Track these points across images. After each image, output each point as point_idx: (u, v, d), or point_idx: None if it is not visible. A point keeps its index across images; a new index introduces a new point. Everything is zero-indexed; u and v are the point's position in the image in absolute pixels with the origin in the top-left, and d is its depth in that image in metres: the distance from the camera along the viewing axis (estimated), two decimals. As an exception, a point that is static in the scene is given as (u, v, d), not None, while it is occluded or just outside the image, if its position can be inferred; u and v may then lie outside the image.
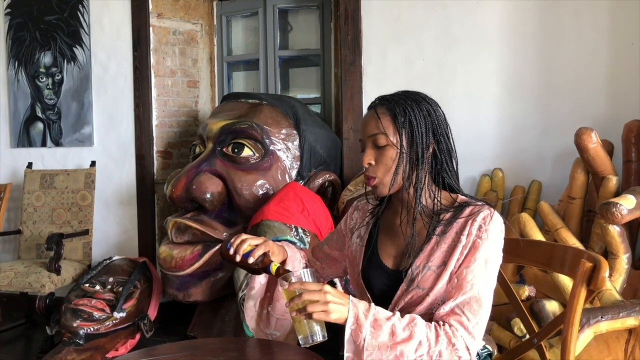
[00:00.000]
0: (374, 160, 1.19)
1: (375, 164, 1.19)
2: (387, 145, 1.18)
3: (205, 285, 2.65)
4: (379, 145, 1.18)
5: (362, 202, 1.37)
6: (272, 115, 2.79)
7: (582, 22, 2.56)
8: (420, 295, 1.14)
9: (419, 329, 1.06)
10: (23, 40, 3.65)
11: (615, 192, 2.10)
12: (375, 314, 1.06)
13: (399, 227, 1.23)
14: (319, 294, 1.05)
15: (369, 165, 1.20)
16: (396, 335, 1.05)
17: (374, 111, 1.21)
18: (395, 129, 1.18)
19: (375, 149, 1.19)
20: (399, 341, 1.05)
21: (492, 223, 1.14)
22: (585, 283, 1.19)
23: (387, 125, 1.18)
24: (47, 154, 3.62)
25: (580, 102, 2.57)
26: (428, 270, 1.14)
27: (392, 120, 1.18)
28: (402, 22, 2.86)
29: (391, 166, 1.18)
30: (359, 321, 1.05)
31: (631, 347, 1.82)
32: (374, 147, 1.19)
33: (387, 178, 1.18)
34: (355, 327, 1.05)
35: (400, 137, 1.17)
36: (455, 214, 1.17)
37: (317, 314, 1.04)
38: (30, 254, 3.36)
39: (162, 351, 1.33)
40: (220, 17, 3.63)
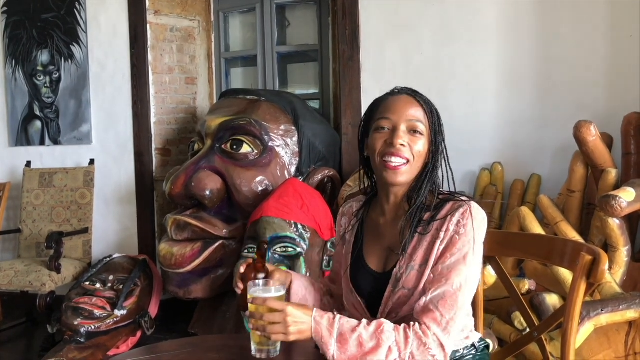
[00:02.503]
0: (407, 143, 1.16)
1: (409, 147, 1.16)
2: (423, 135, 1.17)
3: (205, 282, 2.65)
4: (417, 132, 1.16)
5: (347, 206, 1.35)
6: (270, 112, 2.78)
7: (581, 14, 2.55)
8: (406, 295, 1.14)
9: (386, 335, 1.05)
10: (20, 39, 3.64)
11: (615, 185, 2.10)
12: (340, 327, 1.05)
13: (383, 227, 1.23)
14: (280, 315, 1.04)
15: (401, 146, 1.15)
16: (364, 346, 1.04)
17: (412, 98, 1.19)
18: (429, 124, 1.18)
19: (409, 134, 1.16)
20: (368, 351, 1.04)
21: (471, 217, 1.13)
22: (585, 276, 1.19)
23: (424, 116, 1.18)
24: (46, 153, 3.62)
25: (579, 95, 2.56)
26: (412, 270, 1.14)
27: (429, 115, 1.18)
28: (399, 17, 2.85)
29: (420, 156, 1.17)
30: (324, 339, 1.04)
31: (631, 340, 1.82)
32: (409, 131, 1.17)
33: (415, 167, 1.17)
34: (322, 345, 1.04)
35: (430, 132, 1.18)
36: (435, 212, 1.17)
37: (275, 336, 1.05)
38: (30, 252, 3.36)
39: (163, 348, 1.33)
40: (217, 13, 3.62)
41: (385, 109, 1.19)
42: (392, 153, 1.15)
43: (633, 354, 1.82)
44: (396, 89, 1.23)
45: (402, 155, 1.15)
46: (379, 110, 1.20)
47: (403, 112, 1.17)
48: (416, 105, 1.18)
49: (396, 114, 1.17)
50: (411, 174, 1.17)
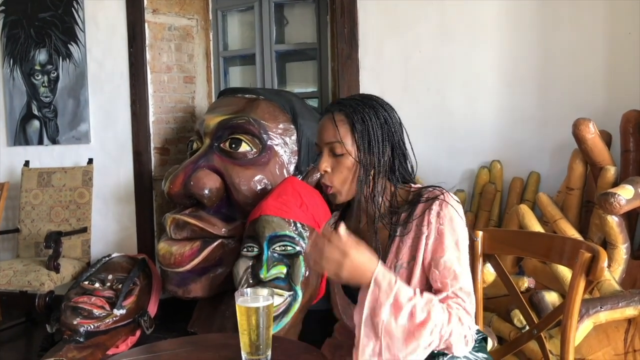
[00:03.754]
0: (330, 167, 1.18)
1: (332, 172, 1.18)
2: (344, 154, 1.17)
3: (204, 281, 2.65)
4: (336, 154, 1.17)
5: (326, 224, 1.36)
6: (269, 110, 2.78)
7: (579, 12, 2.55)
8: None
9: (436, 309, 1.06)
10: (17, 38, 3.63)
11: (614, 183, 2.10)
12: (397, 292, 1.06)
13: (362, 233, 1.23)
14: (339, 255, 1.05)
15: (325, 173, 1.19)
16: (415, 317, 1.05)
17: (331, 117, 1.19)
18: (353, 138, 1.17)
19: (332, 157, 1.18)
20: (418, 324, 1.05)
21: (448, 206, 1.15)
22: (584, 274, 1.19)
23: (344, 134, 1.17)
24: (44, 152, 3.61)
25: (578, 92, 2.56)
26: (400, 268, 1.16)
27: (350, 129, 1.17)
28: (398, 15, 2.85)
29: (348, 175, 1.18)
30: (379, 301, 1.05)
31: (630, 337, 1.82)
32: (330, 154, 1.18)
33: (344, 187, 1.18)
34: (373, 305, 1.05)
35: (358, 146, 1.17)
36: (411, 208, 1.18)
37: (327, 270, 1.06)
38: (29, 252, 3.36)
39: (162, 348, 1.33)
40: (215, 11, 3.62)
41: (317, 135, 1.22)
42: (322, 181, 1.20)
43: (632, 351, 1.82)
44: (327, 107, 1.24)
45: (325, 182, 1.19)
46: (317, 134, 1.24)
47: (322, 137, 1.19)
48: (331, 126, 1.18)
49: (320, 139, 1.20)
50: (347, 193, 1.19)
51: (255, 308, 1.09)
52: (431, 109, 2.82)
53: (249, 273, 2.40)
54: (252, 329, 1.09)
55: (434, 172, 2.80)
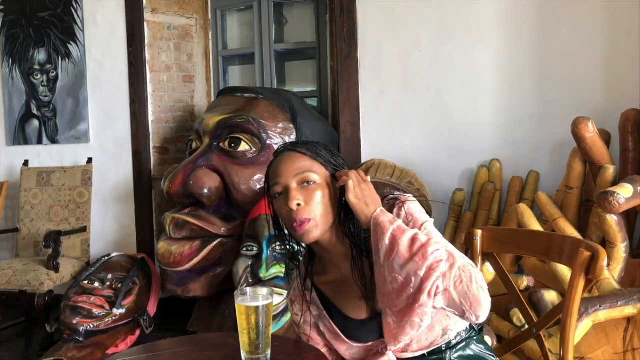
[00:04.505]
0: (303, 200, 1.13)
1: (306, 204, 1.13)
2: (317, 182, 1.15)
3: (204, 281, 2.65)
4: (310, 183, 1.14)
5: (292, 294, 1.30)
6: (268, 109, 2.78)
7: (578, 11, 2.55)
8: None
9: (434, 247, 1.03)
10: (17, 38, 3.63)
11: (613, 182, 2.10)
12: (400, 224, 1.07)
13: (347, 279, 1.18)
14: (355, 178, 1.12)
15: (298, 207, 1.12)
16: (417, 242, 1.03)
17: (293, 152, 1.18)
18: (320, 165, 1.17)
19: (302, 189, 1.14)
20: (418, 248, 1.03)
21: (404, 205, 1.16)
22: (583, 272, 1.19)
23: (312, 161, 1.16)
24: (44, 152, 3.61)
25: (577, 91, 2.56)
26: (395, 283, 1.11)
27: (315, 157, 1.17)
28: (397, 14, 2.85)
29: (324, 205, 1.14)
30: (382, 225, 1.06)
31: (630, 336, 1.83)
32: (300, 186, 1.14)
33: (323, 217, 1.14)
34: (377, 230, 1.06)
35: (329, 171, 1.17)
36: None
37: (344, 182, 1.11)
38: (28, 251, 3.36)
39: (162, 347, 1.33)
40: (214, 11, 3.62)
41: (274, 174, 1.18)
42: (294, 218, 1.13)
43: (631, 349, 1.82)
44: (279, 149, 1.22)
45: (301, 217, 1.12)
46: (270, 178, 1.19)
47: (288, 170, 1.15)
48: (298, 156, 1.17)
49: (283, 175, 1.15)
50: (323, 226, 1.14)
51: (255, 307, 1.09)
52: (430, 108, 2.82)
53: (249, 272, 2.40)
54: (252, 328, 1.09)
55: (433, 171, 2.80)
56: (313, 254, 1.26)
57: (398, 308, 1.05)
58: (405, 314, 1.05)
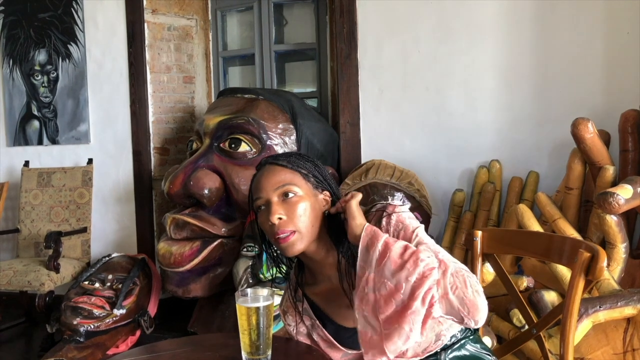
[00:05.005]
0: (284, 214, 1.13)
1: (288, 217, 1.13)
2: (298, 194, 1.15)
3: (204, 281, 2.65)
4: (289, 196, 1.14)
5: (283, 305, 1.31)
6: (268, 110, 2.78)
7: (578, 12, 2.55)
8: None
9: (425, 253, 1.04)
10: (17, 38, 3.63)
11: (613, 182, 2.10)
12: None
13: (337, 289, 1.19)
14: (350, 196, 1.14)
15: (279, 221, 1.12)
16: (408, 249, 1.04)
17: (274, 165, 1.18)
18: (302, 176, 1.17)
19: (283, 203, 1.14)
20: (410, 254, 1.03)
21: (392, 215, 1.15)
22: (583, 273, 1.19)
23: (293, 174, 1.17)
24: (44, 152, 3.61)
25: (576, 92, 2.57)
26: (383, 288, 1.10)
27: (296, 170, 1.17)
28: (397, 14, 2.85)
29: (308, 216, 1.14)
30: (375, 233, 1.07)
31: (629, 336, 1.83)
32: (280, 200, 1.14)
33: (307, 229, 1.14)
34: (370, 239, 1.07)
35: (311, 184, 1.17)
36: None
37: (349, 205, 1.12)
38: (29, 252, 3.36)
39: (162, 347, 1.33)
40: (215, 11, 3.62)
41: (256, 188, 1.18)
42: (275, 232, 1.13)
43: (631, 350, 1.82)
44: (261, 162, 1.23)
45: (283, 229, 1.12)
46: (253, 191, 1.20)
47: (268, 184, 1.15)
48: (279, 169, 1.17)
49: (264, 189, 1.15)
50: (306, 238, 1.14)
51: (256, 308, 1.09)
52: (430, 108, 2.83)
53: (249, 273, 2.40)
54: (253, 329, 1.09)
55: (433, 172, 2.80)
56: (302, 264, 1.26)
57: (385, 315, 1.04)
58: (394, 322, 1.03)
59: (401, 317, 1.02)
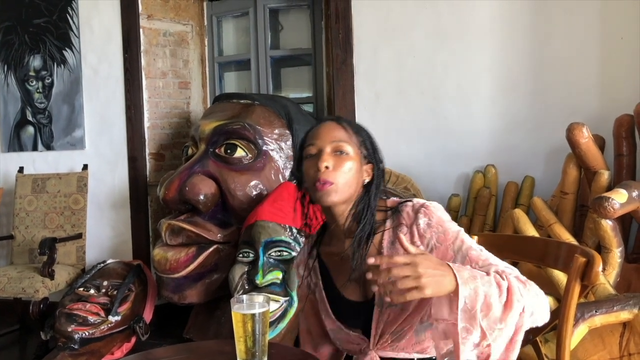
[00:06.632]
0: (332, 165, 1.17)
1: (333, 169, 1.16)
2: (350, 154, 1.19)
3: (200, 287, 2.64)
4: (342, 153, 1.18)
5: (298, 258, 1.38)
6: (264, 116, 2.78)
7: (573, 17, 2.57)
8: (395, 312, 1.15)
9: (516, 290, 1.03)
10: (12, 44, 3.63)
11: (608, 187, 2.11)
12: (478, 277, 1.01)
13: (347, 255, 1.21)
14: (410, 268, 0.95)
15: (326, 169, 1.16)
16: (501, 287, 1.02)
17: (335, 123, 1.23)
18: (357, 142, 1.21)
19: (335, 156, 1.18)
20: (507, 293, 1.02)
21: (434, 214, 1.16)
22: (579, 278, 1.19)
23: (350, 136, 1.21)
24: (39, 158, 3.60)
25: (571, 97, 2.58)
26: None
27: (355, 135, 1.22)
28: (392, 20, 2.86)
29: (349, 175, 1.17)
30: (476, 292, 0.98)
31: (626, 341, 1.83)
32: (333, 153, 1.18)
33: (345, 186, 1.17)
34: (471, 301, 0.98)
35: (362, 153, 1.21)
36: (395, 224, 1.19)
37: (409, 294, 0.95)
38: (23, 259, 3.34)
39: (158, 354, 1.32)
40: (210, 17, 3.62)
41: (311, 136, 1.22)
42: (318, 177, 1.16)
43: (627, 354, 1.83)
44: (323, 117, 1.28)
45: (326, 177, 1.16)
46: (307, 138, 1.23)
47: (327, 135, 1.20)
48: (340, 127, 1.21)
49: (320, 138, 1.20)
50: (341, 194, 1.17)
51: (251, 315, 1.09)
52: (426, 113, 2.83)
53: (245, 279, 2.40)
54: (248, 335, 1.09)
55: (429, 177, 2.80)
56: (325, 226, 1.31)
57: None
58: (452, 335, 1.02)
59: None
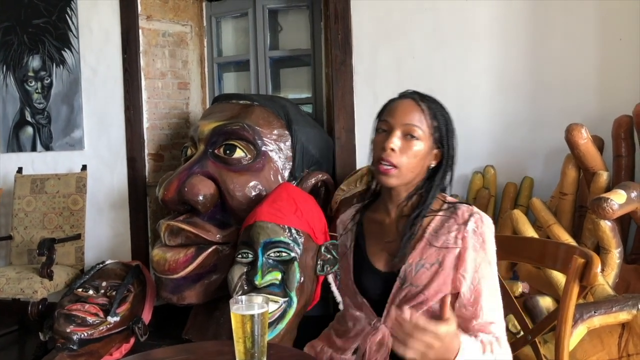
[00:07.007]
0: (399, 148, 1.17)
1: (399, 152, 1.16)
2: (420, 139, 1.18)
3: (199, 288, 2.64)
4: (413, 136, 1.17)
5: (342, 217, 1.38)
6: (263, 116, 2.78)
7: (571, 18, 2.57)
8: (413, 292, 1.16)
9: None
10: (11, 44, 3.62)
11: (606, 188, 2.11)
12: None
13: (388, 226, 1.24)
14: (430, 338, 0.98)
15: (392, 151, 1.16)
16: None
17: (415, 103, 1.20)
18: (430, 128, 1.19)
19: (404, 138, 1.17)
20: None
21: (484, 226, 1.18)
22: (577, 279, 1.20)
23: (426, 119, 1.19)
24: (38, 159, 3.59)
25: (570, 98, 2.58)
26: (421, 267, 1.16)
27: (431, 119, 1.20)
28: (391, 21, 2.87)
29: (415, 161, 1.18)
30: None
31: (624, 342, 1.83)
32: (404, 136, 1.18)
33: (409, 171, 1.18)
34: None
35: (433, 138, 1.20)
36: (447, 216, 1.19)
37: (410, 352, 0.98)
38: (21, 259, 3.33)
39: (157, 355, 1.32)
40: (209, 18, 3.62)
41: (387, 112, 1.22)
42: (383, 157, 1.17)
43: (626, 355, 1.83)
44: (407, 92, 1.25)
45: (389, 159, 1.16)
46: (384, 113, 1.23)
47: (401, 116, 1.19)
48: (417, 110, 1.19)
49: (394, 118, 1.19)
50: (403, 178, 1.18)
51: (250, 316, 1.09)
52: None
53: (244, 279, 2.39)
54: (247, 336, 1.09)
55: (428, 178, 2.80)
56: (378, 194, 1.31)
57: None
58: None
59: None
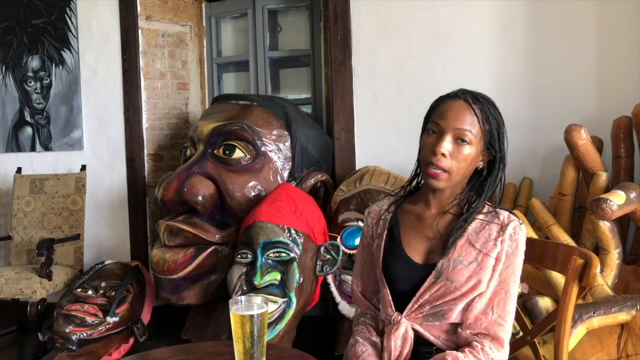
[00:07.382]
0: (449, 153, 1.16)
1: (450, 157, 1.16)
2: (471, 145, 1.17)
3: (198, 288, 2.64)
4: (464, 141, 1.16)
5: (372, 207, 1.37)
6: (263, 117, 2.78)
7: (571, 20, 2.57)
8: (448, 287, 1.16)
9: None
10: (10, 44, 3.62)
11: (606, 188, 2.11)
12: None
13: (427, 220, 1.24)
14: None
15: (442, 156, 1.16)
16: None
17: (469, 105, 1.18)
18: (482, 132, 1.18)
19: (454, 143, 1.17)
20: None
21: (521, 233, 1.19)
22: (577, 280, 1.20)
23: (477, 123, 1.18)
24: (37, 159, 3.59)
25: (569, 99, 2.59)
26: (459, 264, 1.16)
27: (482, 123, 1.18)
28: (391, 21, 2.87)
29: (465, 166, 1.18)
30: None
31: (624, 342, 1.83)
32: (454, 140, 1.17)
33: (457, 175, 1.18)
34: None
35: (484, 141, 1.19)
36: (488, 218, 1.20)
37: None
38: (21, 259, 3.33)
39: (156, 355, 1.32)
40: (209, 18, 3.62)
41: (438, 114, 1.20)
42: (433, 161, 1.16)
43: (625, 356, 1.83)
44: (458, 92, 1.23)
45: (441, 164, 1.16)
46: (434, 113, 1.22)
47: (453, 120, 1.17)
48: (469, 113, 1.18)
49: (446, 121, 1.18)
50: (452, 181, 1.19)
51: (250, 316, 1.09)
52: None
53: (243, 280, 2.39)
54: (247, 336, 1.09)
55: (428, 178, 2.80)
56: (418, 187, 1.31)
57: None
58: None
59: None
